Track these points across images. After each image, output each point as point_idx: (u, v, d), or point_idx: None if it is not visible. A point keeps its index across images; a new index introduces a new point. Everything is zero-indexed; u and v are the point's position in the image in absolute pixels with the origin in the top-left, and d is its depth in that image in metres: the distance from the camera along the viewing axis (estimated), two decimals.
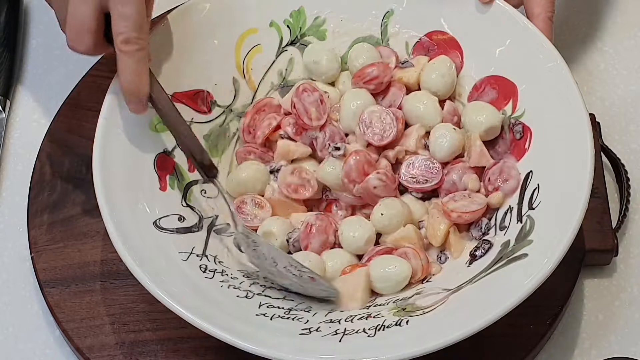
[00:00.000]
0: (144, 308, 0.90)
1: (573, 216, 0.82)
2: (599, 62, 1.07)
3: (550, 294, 0.88)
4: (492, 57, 0.95)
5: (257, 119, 0.96)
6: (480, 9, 0.95)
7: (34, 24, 1.11)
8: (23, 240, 0.96)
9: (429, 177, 0.91)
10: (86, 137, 0.98)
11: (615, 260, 0.94)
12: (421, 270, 0.87)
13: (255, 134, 0.95)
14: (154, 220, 0.87)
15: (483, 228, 0.89)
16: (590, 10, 1.11)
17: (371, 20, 0.99)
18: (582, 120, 0.87)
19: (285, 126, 0.95)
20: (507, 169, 0.90)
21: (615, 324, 0.92)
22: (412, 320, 0.82)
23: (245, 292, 0.86)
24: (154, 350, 0.89)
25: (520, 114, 0.92)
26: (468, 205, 0.89)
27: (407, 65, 0.96)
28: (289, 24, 0.99)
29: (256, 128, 0.96)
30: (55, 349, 0.92)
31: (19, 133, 1.04)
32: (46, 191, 0.97)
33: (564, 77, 0.90)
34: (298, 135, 0.94)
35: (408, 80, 0.95)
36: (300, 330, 0.82)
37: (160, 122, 0.92)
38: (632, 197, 0.97)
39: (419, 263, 0.87)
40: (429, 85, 0.95)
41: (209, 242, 0.90)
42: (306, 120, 0.93)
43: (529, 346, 0.88)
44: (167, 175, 0.91)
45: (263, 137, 0.95)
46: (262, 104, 0.97)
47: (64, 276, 0.92)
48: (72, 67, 1.07)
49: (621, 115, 1.04)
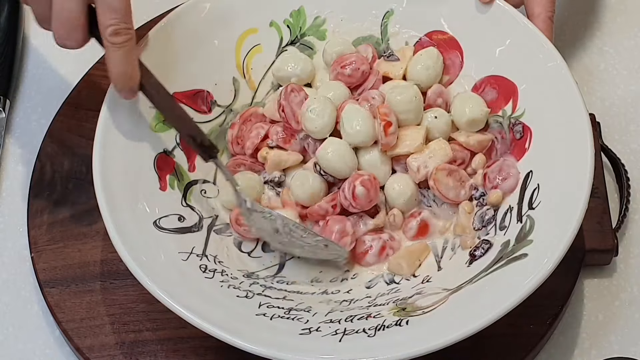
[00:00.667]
0: (144, 308, 0.90)
1: (573, 216, 0.82)
2: (599, 62, 1.07)
3: (550, 294, 0.88)
4: (492, 57, 0.95)
5: (245, 130, 0.95)
6: (480, 9, 0.95)
7: (34, 24, 1.11)
8: (23, 240, 0.96)
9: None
10: (86, 137, 0.98)
11: (615, 260, 0.94)
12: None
13: (244, 145, 0.95)
14: (154, 220, 0.87)
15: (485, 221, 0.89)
16: (590, 10, 1.11)
17: (371, 20, 0.99)
18: (582, 120, 0.87)
19: (272, 135, 0.94)
20: (506, 167, 0.90)
21: (615, 324, 0.92)
22: (412, 320, 0.82)
23: (245, 292, 0.86)
24: (154, 350, 0.89)
25: (520, 114, 0.92)
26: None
27: (393, 59, 0.96)
28: (289, 24, 0.99)
29: (244, 139, 0.95)
30: (55, 349, 0.92)
31: (19, 133, 1.04)
32: (46, 191, 0.97)
33: (564, 77, 0.90)
34: (287, 143, 0.93)
35: (395, 74, 0.95)
36: (300, 330, 0.82)
37: (160, 122, 0.92)
38: (632, 197, 0.97)
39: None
40: (412, 76, 0.95)
41: (209, 242, 0.90)
42: (294, 124, 0.92)
43: (529, 346, 0.88)
44: (167, 175, 0.91)
45: (253, 147, 0.94)
46: (248, 114, 0.96)
47: (64, 276, 0.93)
48: (72, 67, 1.07)
49: (621, 115, 1.04)
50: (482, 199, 0.91)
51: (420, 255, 0.90)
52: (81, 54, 1.09)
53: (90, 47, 1.08)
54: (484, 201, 0.90)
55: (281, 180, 0.93)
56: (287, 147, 0.94)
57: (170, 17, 0.95)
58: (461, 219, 0.90)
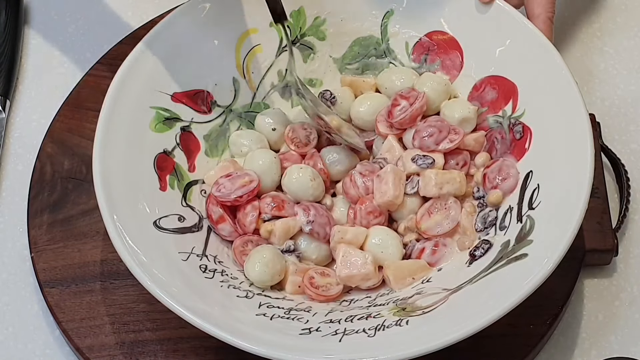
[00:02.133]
0: (144, 308, 0.90)
1: (573, 216, 0.82)
2: (599, 62, 1.07)
3: (550, 294, 0.88)
4: (492, 57, 0.95)
5: (241, 214, 0.91)
6: (480, 9, 0.95)
7: (34, 24, 1.11)
8: (23, 240, 0.96)
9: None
10: (86, 137, 0.98)
11: (615, 260, 0.94)
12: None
13: (244, 227, 0.91)
14: (154, 220, 0.87)
15: (487, 223, 0.89)
16: (590, 10, 1.11)
17: (371, 20, 0.99)
18: (582, 120, 0.87)
19: (264, 210, 0.91)
20: (505, 167, 0.90)
21: (615, 324, 0.92)
22: (412, 320, 0.82)
23: (245, 292, 0.86)
24: (154, 350, 0.89)
25: (520, 114, 0.92)
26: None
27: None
28: (289, 24, 0.99)
29: (242, 222, 0.91)
30: (55, 349, 0.92)
31: (19, 133, 1.04)
32: (46, 191, 0.97)
33: (564, 77, 0.90)
34: (282, 210, 0.91)
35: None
36: (300, 330, 0.82)
37: (160, 122, 0.92)
38: (632, 197, 0.97)
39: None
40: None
41: (209, 242, 0.90)
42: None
43: (529, 346, 0.88)
44: (167, 175, 0.91)
45: (253, 226, 0.91)
46: (225, 171, 0.93)
47: (64, 276, 0.92)
48: (72, 67, 1.07)
49: (621, 115, 1.04)
50: (482, 199, 0.91)
51: (415, 274, 0.88)
52: (81, 54, 1.09)
53: (90, 46, 1.09)
54: (485, 201, 0.90)
55: (295, 247, 0.90)
56: (283, 214, 0.91)
57: (170, 17, 0.95)
58: (463, 220, 0.90)
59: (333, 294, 0.87)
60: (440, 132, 0.92)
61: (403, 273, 0.88)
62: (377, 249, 0.89)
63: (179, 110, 0.94)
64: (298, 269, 0.88)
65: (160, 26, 0.94)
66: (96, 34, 1.10)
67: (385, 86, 0.98)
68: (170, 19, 0.95)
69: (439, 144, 0.91)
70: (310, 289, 0.87)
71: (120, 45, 1.04)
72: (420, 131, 0.92)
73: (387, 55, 1.00)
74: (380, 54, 0.99)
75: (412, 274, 0.88)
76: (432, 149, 0.91)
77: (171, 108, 0.94)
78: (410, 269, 0.88)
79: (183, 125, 0.94)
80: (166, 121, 0.93)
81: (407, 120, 0.93)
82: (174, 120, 0.94)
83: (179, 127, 0.94)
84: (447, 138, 0.92)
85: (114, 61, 1.01)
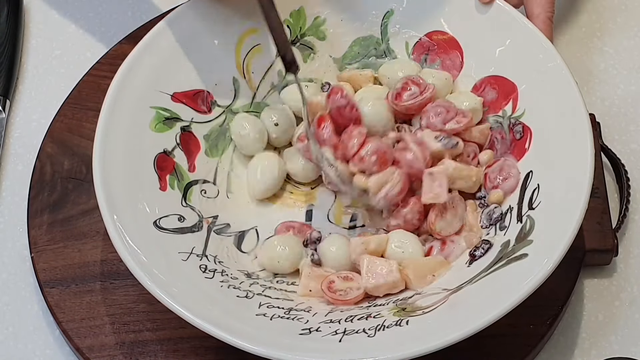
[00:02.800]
0: (144, 308, 0.90)
1: (573, 216, 0.82)
2: (599, 62, 1.07)
3: (550, 294, 0.88)
4: (492, 57, 0.95)
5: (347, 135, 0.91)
6: (480, 9, 0.95)
7: (34, 24, 1.11)
8: (23, 240, 0.96)
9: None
10: (86, 137, 0.98)
11: (615, 260, 0.94)
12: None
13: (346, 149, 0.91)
14: (154, 220, 0.87)
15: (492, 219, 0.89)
16: (590, 10, 1.11)
17: (371, 20, 0.99)
18: (582, 120, 0.87)
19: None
20: (507, 167, 0.90)
21: (615, 324, 0.92)
22: (412, 320, 0.82)
23: (245, 292, 0.86)
24: (154, 350, 0.89)
25: (520, 114, 0.92)
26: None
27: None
28: (289, 24, 0.99)
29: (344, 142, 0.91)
30: (55, 349, 0.92)
31: (19, 133, 1.04)
32: (46, 191, 0.97)
33: (564, 77, 0.90)
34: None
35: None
36: (300, 330, 0.82)
37: (160, 122, 0.92)
38: (632, 197, 0.97)
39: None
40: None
41: (209, 242, 0.90)
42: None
43: (529, 346, 0.88)
44: (167, 175, 0.91)
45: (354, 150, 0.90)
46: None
47: (64, 276, 0.92)
48: (72, 67, 1.07)
49: (621, 115, 1.04)
50: (483, 199, 0.91)
51: (434, 270, 0.87)
52: (81, 54, 1.09)
53: (90, 46, 1.09)
54: (486, 201, 0.90)
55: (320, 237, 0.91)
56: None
57: (171, 17, 0.95)
58: (468, 217, 0.89)
59: (351, 298, 0.86)
60: (448, 112, 0.91)
61: (423, 271, 0.87)
62: (397, 252, 0.88)
63: (179, 110, 0.94)
64: (312, 273, 0.88)
65: (160, 26, 0.94)
66: (96, 34, 1.10)
67: (388, 76, 0.97)
68: (170, 19, 0.95)
69: (446, 123, 0.91)
70: (327, 293, 0.86)
71: (120, 45, 1.04)
72: (428, 111, 0.92)
73: (387, 55, 1.00)
74: (380, 54, 1.00)
75: (431, 271, 0.87)
76: (439, 128, 0.91)
77: (171, 108, 0.94)
78: (429, 266, 0.87)
79: (183, 125, 0.94)
80: (166, 121, 0.93)
81: (415, 107, 0.93)
82: (174, 120, 0.94)
83: (179, 127, 0.94)
84: (454, 119, 0.91)
85: (114, 61, 1.01)
